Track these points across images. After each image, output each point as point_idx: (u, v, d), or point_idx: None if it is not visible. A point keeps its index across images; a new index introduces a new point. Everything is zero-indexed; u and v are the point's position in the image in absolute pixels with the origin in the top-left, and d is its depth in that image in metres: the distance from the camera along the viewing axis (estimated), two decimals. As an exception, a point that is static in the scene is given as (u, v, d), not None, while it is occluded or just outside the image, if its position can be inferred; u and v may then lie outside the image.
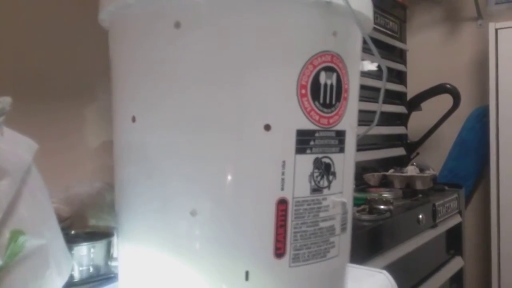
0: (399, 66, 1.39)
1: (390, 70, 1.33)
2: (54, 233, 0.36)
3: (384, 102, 1.29)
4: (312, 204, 0.42)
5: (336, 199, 0.44)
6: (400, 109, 1.39)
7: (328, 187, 0.43)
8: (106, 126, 0.53)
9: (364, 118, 0.65)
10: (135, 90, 0.43)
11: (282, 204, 0.40)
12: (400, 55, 1.44)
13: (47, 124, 0.69)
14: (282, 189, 0.40)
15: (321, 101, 0.42)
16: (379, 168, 1.20)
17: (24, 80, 0.66)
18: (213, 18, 0.39)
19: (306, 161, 0.41)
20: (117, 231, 0.48)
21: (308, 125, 0.41)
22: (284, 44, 0.40)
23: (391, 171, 1.18)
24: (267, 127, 0.40)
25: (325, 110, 0.42)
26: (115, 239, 0.51)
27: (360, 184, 1.11)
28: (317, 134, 0.42)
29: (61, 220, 0.58)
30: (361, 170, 1.14)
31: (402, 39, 1.43)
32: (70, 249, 0.49)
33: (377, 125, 0.54)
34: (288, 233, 0.41)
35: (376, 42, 1.23)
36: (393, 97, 1.38)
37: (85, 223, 0.62)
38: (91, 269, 0.51)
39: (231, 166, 0.39)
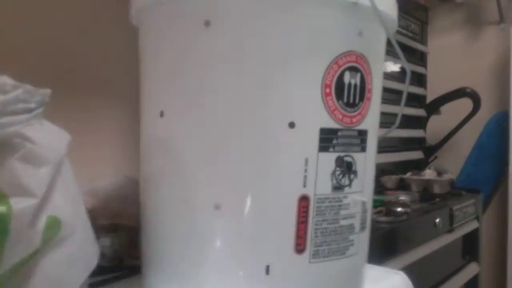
0: (419, 69, 1.39)
1: (411, 72, 1.32)
2: (84, 223, 0.37)
3: (404, 104, 1.28)
4: (333, 202, 0.43)
5: (357, 198, 0.45)
6: (419, 112, 1.38)
7: (349, 185, 0.44)
8: (131, 121, 0.54)
9: (384, 120, 0.65)
10: (163, 86, 0.44)
11: (303, 200, 0.41)
12: (420, 58, 1.43)
13: (73, 117, 0.71)
14: (304, 186, 0.41)
15: (345, 100, 0.43)
16: (397, 171, 1.19)
17: (52, 74, 0.68)
18: (242, 17, 0.40)
19: (329, 159, 0.42)
20: (141, 223, 0.49)
21: (331, 124, 0.42)
22: (310, 44, 0.41)
23: (408, 174, 1.18)
24: (292, 125, 0.40)
25: (349, 109, 0.43)
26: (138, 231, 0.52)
27: (377, 186, 1.10)
28: (340, 133, 0.43)
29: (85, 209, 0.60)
30: (379, 172, 1.14)
31: (423, 42, 1.42)
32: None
33: (396, 127, 0.54)
34: (309, 230, 0.41)
35: (397, 44, 1.22)
36: (412, 99, 1.37)
37: (109, 215, 0.63)
38: (114, 260, 0.53)
39: (255, 162, 0.40)
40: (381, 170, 1.15)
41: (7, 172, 0.27)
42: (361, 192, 0.45)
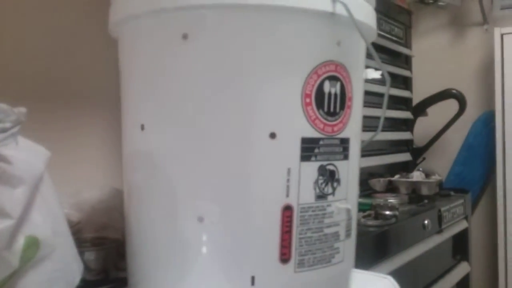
0: (404, 72, 1.40)
1: (395, 75, 1.33)
2: (65, 239, 0.37)
3: (390, 107, 1.30)
4: (317, 211, 0.43)
5: (341, 206, 0.45)
6: (405, 114, 1.39)
7: (333, 193, 0.44)
8: (115, 132, 0.54)
9: (370, 124, 0.66)
10: (143, 100, 0.44)
11: (287, 210, 0.41)
12: (405, 61, 1.44)
13: (57, 130, 0.70)
14: (287, 195, 0.41)
15: (326, 109, 0.43)
16: (385, 173, 1.20)
17: (35, 87, 0.67)
18: (218, 29, 0.40)
19: (311, 168, 0.42)
20: (126, 235, 0.49)
21: (312, 133, 0.42)
22: (288, 54, 0.41)
23: (397, 177, 1.18)
24: (273, 135, 0.40)
25: (330, 118, 0.43)
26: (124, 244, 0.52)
27: (366, 189, 1.11)
28: (321, 142, 0.43)
29: (71, 225, 0.59)
30: (367, 175, 1.14)
31: (408, 45, 1.44)
32: (81, 253, 0.50)
33: (383, 130, 0.55)
34: (293, 239, 0.41)
35: (381, 48, 1.24)
36: (398, 102, 1.38)
37: (95, 228, 0.63)
38: (101, 274, 0.52)
39: (237, 174, 0.40)
40: (370, 173, 1.16)
41: (-17, 194, 0.27)
42: (345, 199, 0.46)
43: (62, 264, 0.34)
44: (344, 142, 0.45)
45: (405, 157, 1.35)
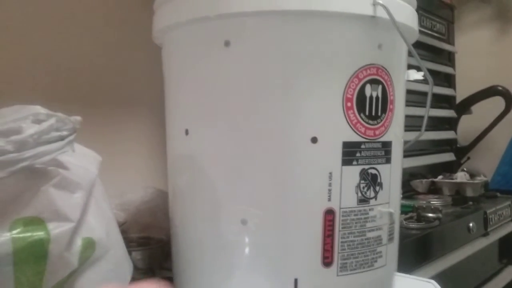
0: (447, 69, 1.36)
1: (437, 73, 1.30)
2: (117, 240, 0.39)
3: (432, 106, 1.26)
4: (359, 215, 0.43)
5: (383, 210, 0.45)
6: (449, 113, 1.35)
7: (375, 197, 0.44)
8: (158, 136, 0.56)
9: (412, 123, 0.65)
10: (187, 105, 0.46)
11: (329, 214, 0.41)
12: (448, 57, 1.40)
13: (102, 134, 0.73)
14: (329, 199, 0.41)
15: (367, 113, 0.43)
16: (428, 174, 1.17)
17: (82, 93, 0.70)
18: (260, 36, 0.41)
19: (353, 172, 0.42)
20: (171, 236, 0.50)
21: (354, 137, 0.42)
22: (330, 59, 0.41)
23: (440, 178, 1.15)
24: (314, 140, 0.41)
25: (371, 122, 0.43)
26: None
27: (408, 191, 1.09)
28: (363, 146, 0.43)
29: (118, 225, 0.62)
30: (409, 176, 1.12)
31: (450, 41, 1.39)
32: (128, 253, 0.53)
33: (426, 130, 0.54)
34: (335, 243, 0.42)
35: (423, 45, 1.20)
36: (441, 101, 1.34)
37: (140, 228, 0.65)
38: (147, 273, 0.54)
39: (279, 178, 0.41)
40: (411, 174, 1.13)
41: (44, 199, 0.29)
42: (388, 203, 0.45)
43: (115, 264, 0.36)
44: (386, 145, 0.45)
45: (448, 157, 1.31)
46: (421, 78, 0.51)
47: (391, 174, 0.46)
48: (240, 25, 0.41)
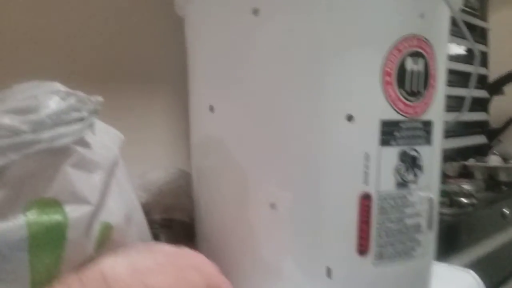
0: (480, 47, 1.29)
1: (470, 50, 1.24)
2: (138, 223, 0.37)
3: (463, 85, 1.20)
4: (397, 199, 0.40)
5: (423, 194, 0.41)
6: (480, 93, 1.29)
7: (415, 181, 0.40)
8: (181, 112, 0.53)
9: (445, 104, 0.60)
10: (212, 79, 0.43)
11: (365, 198, 0.38)
12: (481, 34, 1.33)
13: (124, 110, 0.71)
14: (366, 183, 0.38)
15: (407, 89, 0.39)
16: (458, 157, 1.12)
17: (102, 67, 0.68)
18: (292, 4, 0.37)
19: (391, 154, 0.39)
20: (195, 219, 0.48)
21: (393, 115, 0.39)
22: (367, 28, 0.38)
23: (471, 161, 1.10)
24: (349, 118, 0.38)
25: (411, 98, 0.40)
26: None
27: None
28: (402, 125, 0.39)
29: (141, 208, 0.60)
30: (439, 159, 1.07)
31: (483, 17, 1.32)
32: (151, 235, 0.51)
33: (454, 110, 0.50)
34: (371, 229, 0.39)
35: (454, 21, 1.14)
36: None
37: (162, 209, 0.63)
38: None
39: (312, 159, 0.38)
40: (442, 157, 1.09)
41: (61, 179, 0.27)
42: (428, 188, 0.42)
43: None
44: (427, 125, 0.41)
45: (479, 139, 1.26)
46: (464, 53, 0.47)
47: (432, 156, 0.42)
48: (269, -9, 0.38)
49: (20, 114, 0.25)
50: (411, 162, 0.40)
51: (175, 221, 0.57)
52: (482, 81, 1.33)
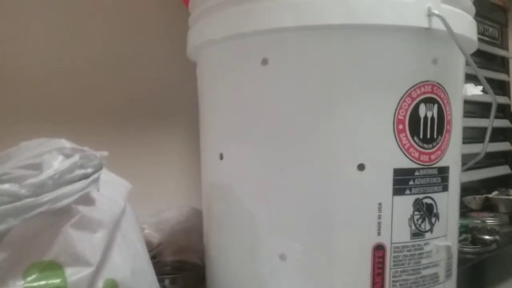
0: (501, 76, 1.26)
1: (491, 80, 1.21)
2: (145, 274, 0.36)
3: (485, 116, 1.17)
4: (413, 250, 0.38)
5: (440, 244, 0.40)
6: (503, 123, 1.26)
7: (431, 230, 0.39)
8: (194, 152, 0.53)
9: (465, 135, 0.58)
10: (221, 126, 0.43)
11: (379, 250, 0.37)
12: (501, 63, 1.31)
13: (138, 148, 0.72)
14: (379, 233, 0.37)
15: (421, 136, 0.38)
16: (481, 189, 1.09)
17: (116, 106, 0.69)
18: (301, 53, 0.37)
19: (405, 203, 0.38)
20: (205, 264, 0.47)
21: (406, 164, 0.38)
22: (379, 77, 0.37)
23: (495, 193, 1.07)
24: (361, 167, 0.37)
25: (426, 145, 0.38)
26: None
27: (460, 208, 1.01)
28: (417, 173, 0.38)
29: (153, 247, 0.60)
30: (461, 192, 1.04)
31: (504, 46, 1.30)
32: (161, 280, 0.50)
33: (477, 142, 0.49)
34: (386, 282, 0.37)
35: (475, 51, 1.13)
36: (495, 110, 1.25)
37: (175, 250, 0.62)
38: (181, 301, 0.52)
39: (323, 209, 0.37)
40: (463, 189, 1.05)
41: (62, 241, 0.26)
42: (445, 236, 0.40)
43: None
44: (443, 171, 0.40)
45: (503, 170, 1.22)
46: (480, 93, 0.46)
47: (449, 203, 0.41)
48: (279, 41, 0.38)
49: (22, 176, 0.25)
50: (426, 211, 0.39)
51: (187, 263, 0.56)
52: (504, 111, 1.29)
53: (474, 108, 0.97)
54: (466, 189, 1.12)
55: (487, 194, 1.05)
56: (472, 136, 0.85)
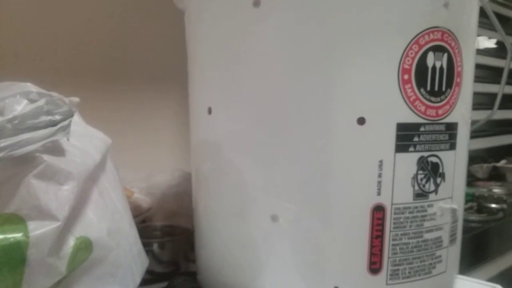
0: (513, 41, 1.21)
1: (501, 44, 1.16)
2: (126, 236, 0.33)
3: (494, 81, 1.13)
4: (415, 212, 0.35)
5: (445, 206, 0.37)
6: (513, 90, 1.21)
7: (435, 191, 0.36)
8: (186, 114, 0.50)
9: (475, 101, 0.55)
10: (211, 78, 0.39)
11: (378, 211, 0.34)
12: (514, 28, 1.25)
13: (128, 111, 0.69)
14: (379, 193, 0.34)
15: (429, 88, 0.35)
16: (489, 158, 1.06)
17: (104, 68, 0.66)
18: (297, -7, 0.33)
19: (409, 161, 0.35)
20: (194, 227, 0.45)
21: (411, 118, 0.34)
22: (383, 20, 0.33)
23: (502, 162, 1.03)
24: (361, 121, 0.33)
25: (433, 99, 0.35)
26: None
27: (466, 176, 0.98)
28: (422, 128, 0.35)
29: (142, 211, 0.57)
30: (468, 160, 1.01)
31: (518, 9, 1.24)
32: (149, 244, 0.48)
33: (485, 109, 0.45)
34: (385, 246, 0.35)
35: (484, 11, 1.08)
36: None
37: (165, 215, 0.60)
38: (171, 266, 0.50)
39: (318, 166, 0.34)
40: (470, 158, 1.03)
41: (24, 192, 0.24)
42: (450, 198, 0.37)
43: (120, 266, 0.31)
44: (451, 127, 0.37)
45: None
46: (494, 46, 0.42)
47: (456, 163, 0.38)
48: (272, -20, 0.34)
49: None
50: (431, 170, 0.36)
51: (178, 228, 0.54)
52: (515, 77, 1.25)
53: (485, 73, 0.93)
54: (473, 158, 1.09)
55: (495, 163, 1.02)
56: (482, 102, 0.82)
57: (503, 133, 1.16)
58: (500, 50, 1.06)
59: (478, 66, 0.85)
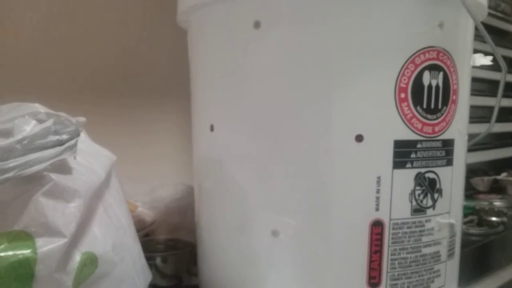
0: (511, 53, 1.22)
1: (502, 58, 1.17)
2: (130, 251, 0.34)
3: (494, 95, 1.14)
4: (413, 227, 0.36)
5: (442, 221, 0.37)
6: (513, 102, 1.22)
7: (433, 206, 0.37)
8: (189, 128, 0.51)
9: (473, 114, 0.56)
10: (213, 95, 0.40)
11: (376, 226, 0.35)
12: (513, 41, 1.26)
13: (131, 126, 0.70)
14: (377, 209, 0.35)
15: (425, 105, 0.36)
16: (489, 171, 1.06)
17: (108, 83, 0.67)
18: (295, 15, 0.35)
19: (406, 177, 0.35)
20: (197, 240, 0.46)
21: (408, 135, 0.35)
22: (379, 41, 0.34)
23: (503, 175, 1.04)
24: (359, 138, 0.34)
25: (430, 116, 0.36)
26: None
27: (467, 189, 0.99)
28: (419, 145, 0.36)
29: (145, 225, 0.58)
30: (469, 173, 1.01)
31: (516, 23, 1.26)
32: (152, 258, 0.48)
33: (485, 122, 0.46)
34: (384, 260, 0.35)
35: (486, 27, 1.08)
36: (505, 89, 1.22)
37: (168, 228, 0.61)
38: (173, 280, 0.50)
39: (317, 183, 0.35)
40: (471, 171, 1.03)
41: (32, 210, 0.25)
42: (448, 213, 0.38)
43: (124, 281, 0.31)
44: (448, 144, 0.38)
45: (512, 151, 1.19)
46: (490, 63, 0.43)
47: (453, 178, 0.39)
48: (273, 2, 0.35)
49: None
50: (429, 186, 0.36)
51: (181, 242, 0.54)
52: (514, 90, 1.26)
53: (482, 86, 0.94)
54: (474, 171, 1.10)
55: (496, 176, 1.03)
56: (480, 115, 0.82)
57: (504, 146, 1.16)
58: (499, 64, 1.07)
59: (478, 80, 0.86)
